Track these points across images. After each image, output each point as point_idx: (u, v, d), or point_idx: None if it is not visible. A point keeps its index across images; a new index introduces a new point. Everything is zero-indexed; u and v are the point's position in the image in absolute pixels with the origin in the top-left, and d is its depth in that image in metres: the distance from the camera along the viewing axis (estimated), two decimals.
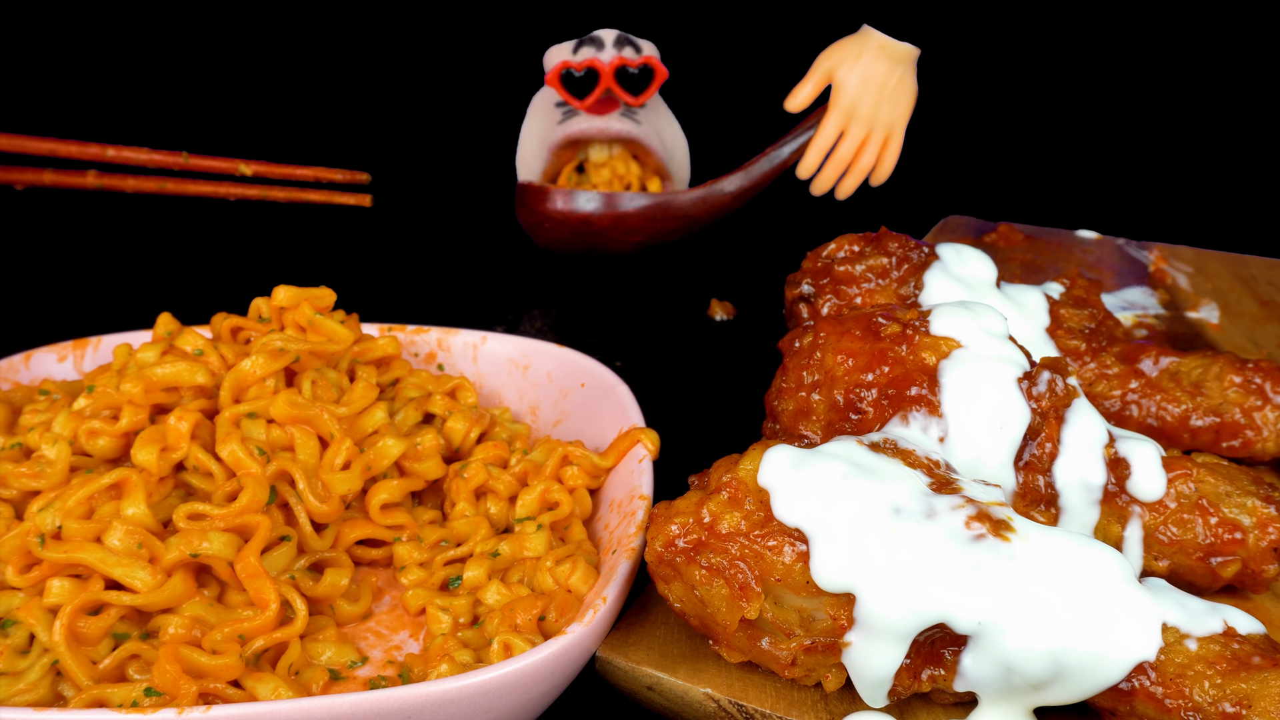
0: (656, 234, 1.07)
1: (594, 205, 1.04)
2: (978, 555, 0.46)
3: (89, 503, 0.55)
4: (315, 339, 0.66)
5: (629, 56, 1.06)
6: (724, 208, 1.08)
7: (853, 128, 1.03)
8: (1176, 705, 0.45)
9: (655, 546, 0.50)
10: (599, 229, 1.05)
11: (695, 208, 1.07)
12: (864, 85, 1.01)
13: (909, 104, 1.03)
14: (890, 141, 1.04)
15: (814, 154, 1.05)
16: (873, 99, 1.01)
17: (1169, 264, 1.04)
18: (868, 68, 1.00)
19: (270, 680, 0.50)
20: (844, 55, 1.02)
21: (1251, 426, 0.66)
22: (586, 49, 1.06)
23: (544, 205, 1.05)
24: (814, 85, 1.03)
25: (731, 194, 1.07)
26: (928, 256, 0.72)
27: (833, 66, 1.02)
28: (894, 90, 1.02)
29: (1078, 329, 0.71)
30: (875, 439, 0.52)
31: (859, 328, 0.59)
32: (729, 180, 1.07)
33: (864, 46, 1.01)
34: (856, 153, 1.04)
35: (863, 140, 1.04)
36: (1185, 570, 0.57)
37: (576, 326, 1.00)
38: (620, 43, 1.06)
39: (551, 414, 0.75)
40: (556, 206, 1.04)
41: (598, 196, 1.04)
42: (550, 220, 1.05)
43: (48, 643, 0.51)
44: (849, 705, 0.50)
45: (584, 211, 1.04)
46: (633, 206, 1.05)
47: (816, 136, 1.04)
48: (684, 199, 1.06)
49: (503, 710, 0.48)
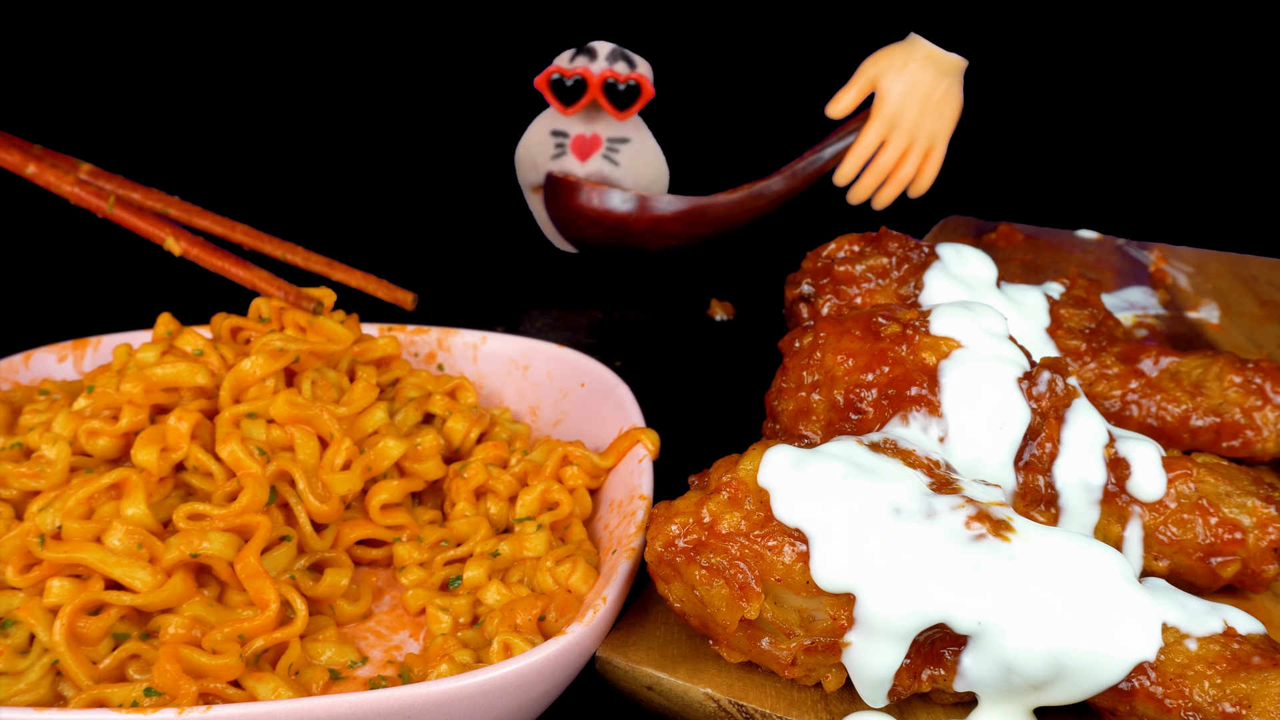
0: (692, 237, 1.06)
1: (629, 206, 1.03)
2: (978, 555, 0.46)
3: (89, 503, 0.55)
4: (315, 339, 0.66)
5: (620, 71, 1.05)
6: (760, 211, 1.06)
7: (895, 137, 1.01)
8: (1176, 705, 0.45)
9: (655, 546, 0.50)
10: (634, 230, 1.04)
11: (733, 212, 1.06)
12: (909, 95, 0.98)
13: (953, 116, 1.01)
14: (932, 153, 1.02)
15: (853, 162, 1.02)
16: (917, 109, 0.99)
17: (1169, 264, 1.04)
18: (913, 77, 0.98)
19: (270, 680, 0.50)
20: (890, 63, 0.99)
21: (1251, 426, 0.66)
22: (581, 58, 1.06)
23: (576, 201, 1.04)
24: (857, 91, 1.00)
25: (770, 198, 1.06)
26: (928, 256, 0.72)
27: (877, 74, 0.99)
28: (939, 101, 0.99)
29: (1078, 329, 0.71)
30: (875, 439, 0.52)
31: (859, 328, 0.59)
32: (769, 183, 1.05)
33: (911, 55, 0.98)
34: (897, 163, 1.02)
35: (904, 151, 1.01)
36: (1185, 570, 0.57)
37: (576, 326, 1.00)
38: (614, 56, 1.06)
39: (551, 414, 0.75)
40: (591, 203, 1.03)
41: (632, 197, 1.03)
42: (584, 218, 1.04)
43: (48, 643, 0.50)
44: (849, 705, 0.50)
45: (620, 212, 1.03)
46: (669, 210, 1.04)
47: (857, 144, 1.02)
48: (722, 202, 1.05)
49: (503, 710, 0.48)
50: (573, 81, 1.05)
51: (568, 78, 1.05)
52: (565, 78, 1.05)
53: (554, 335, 0.97)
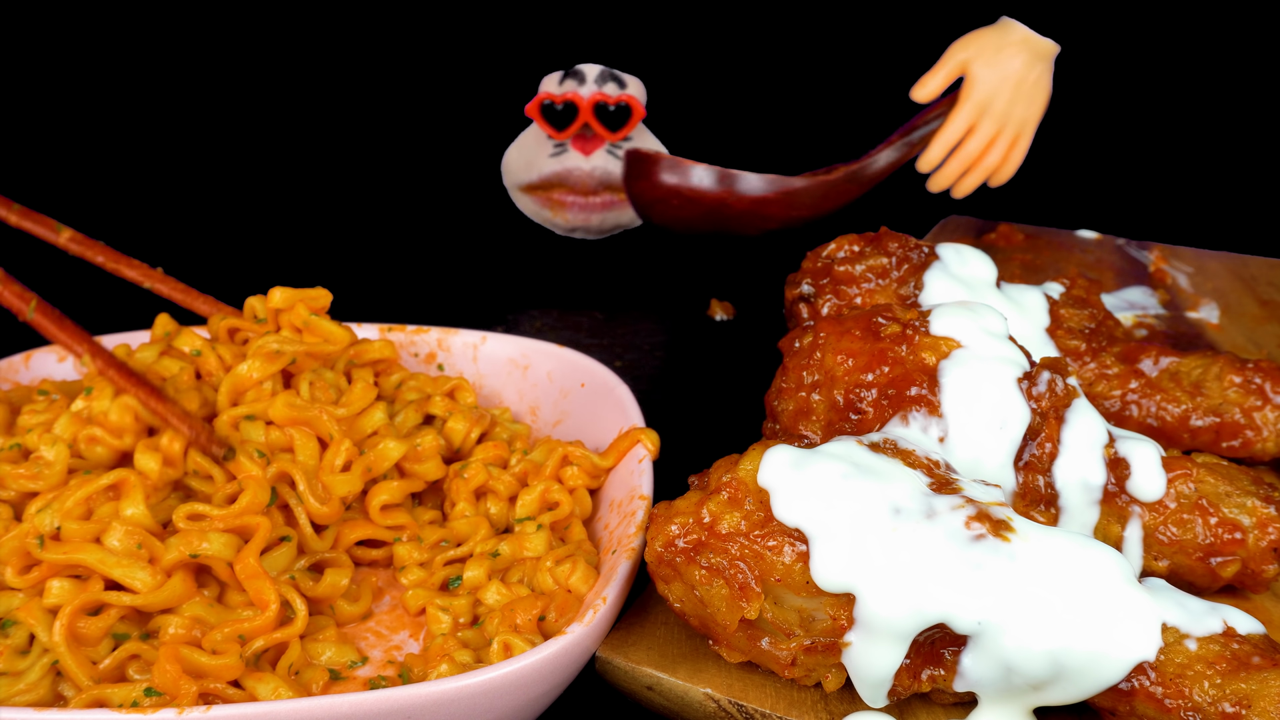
0: (788, 220, 1.01)
1: (710, 181, 0.96)
2: (978, 555, 0.46)
3: (88, 503, 0.55)
4: (311, 340, 0.66)
5: (610, 93, 1.04)
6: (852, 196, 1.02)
7: (983, 124, 0.98)
8: (1176, 705, 0.45)
9: (655, 546, 0.50)
10: (733, 213, 0.98)
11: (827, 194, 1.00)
12: (1002, 81, 0.96)
13: (1043, 103, 0.99)
14: (1019, 141, 0.99)
15: (939, 147, 0.99)
16: (1008, 96, 0.96)
17: (1169, 264, 1.04)
18: (1007, 63, 0.95)
19: (270, 680, 0.50)
20: (982, 47, 0.96)
21: (1251, 426, 0.66)
22: (570, 82, 1.06)
23: (658, 177, 0.97)
24: (945, 75, 0.98)
25: (870, 177, 1.01)
26: (928, 256, 0.72)
27: (969, 59, 0.97)
28: (1031, 88, 0.97)
29: (1078, 329, 0.71)
30: (875, 439, 0.52)
31: (859, 328, 0.59)
32: (864, 164, 1.01)
33: (1005, 39, 0.96)
34: (983, 151, 1.00)
35: (991, 138, 0.99)
36: (1185, 570, 0.57)
37: (576, 326, 1.00)
38: (603, 78, 1.05)
39: (551, 414, 0.75)
40: (672, 180, 0.96)
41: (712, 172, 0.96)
42: (677, 198, 0.97)
43: (48, 643, 0.50)
44: (849, 705, 0.50)
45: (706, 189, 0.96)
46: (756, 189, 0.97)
47: (944, 129, 0.99)
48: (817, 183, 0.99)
49: (503, 710, 0.48)
50: (563, 106, 1.04)
51: (558, 103, 1.04)
52: (555, 103, 1.04)
53: (554, 335, 0.97)
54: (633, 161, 0.98)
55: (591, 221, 1.11)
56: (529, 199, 1.13)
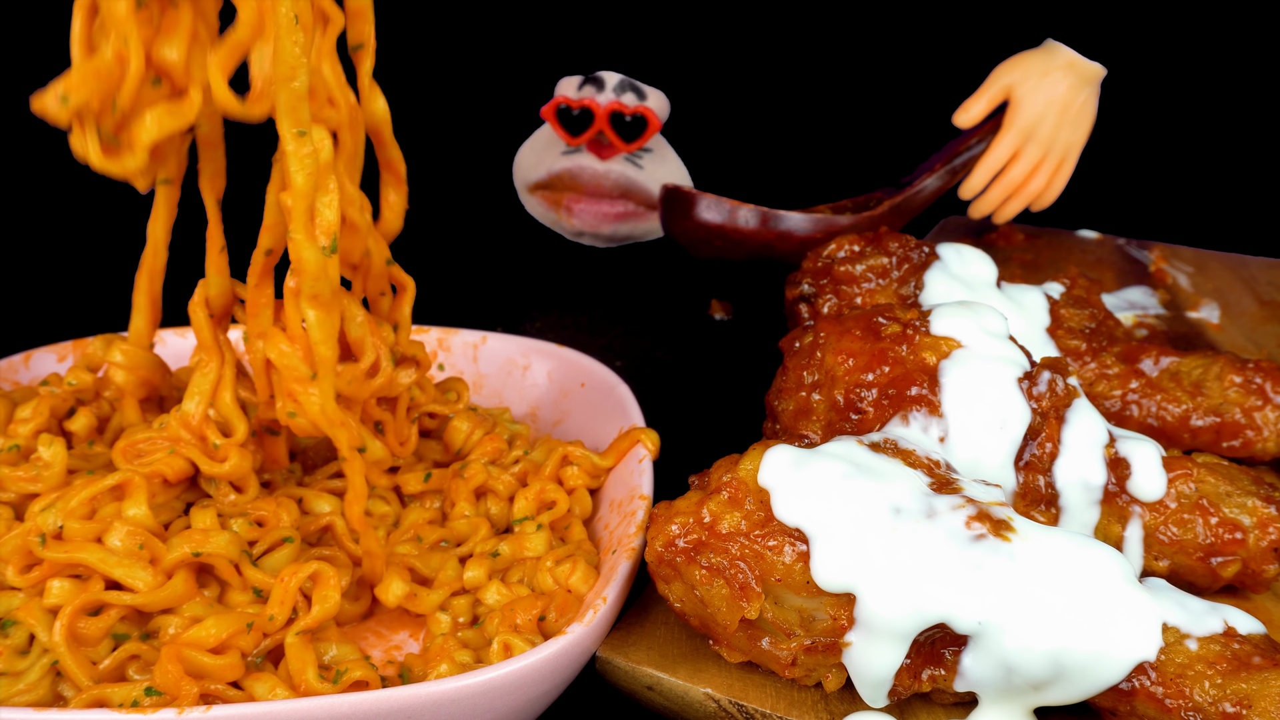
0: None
1: (754, 222, 0.92)
2: (978, 555, 0.46)
3: (91, 503, 0.55)
4: None
5: (627, 102, 1.04)
6: (901, 223, 1.00)
7: (1028, 149, 0.95)
8: (1177, 705, 0.45)
9: (655, 546, 0.50)
10: (780, 252, 0.94)
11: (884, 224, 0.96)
12: (1048, 105, 0.93)
13: (1089, 128, 0.96)
14: (1063, 166, 0.97)
15: (983, 174, 0.97)
16: (1054, 121, 0.94)
17: (1169, 264, 1.04)
18: (1053, 87, 0.93)
19: (268, 680, 0.50)
20: (1027, 71, 0.94)
21: (1252, 426, 0.66)
22: (589, 88, 1.05)
23: (698, 217, 0.93)
24: (989, 100, 0.95)
25: (917, 206, 0.99)
26: (928, 256, 0.72)
27: (1013, 83, 0.94)
28: (1077, 113, 0.94)
29: (1078, 329, 0.71)
30: (875, 439, 0.52)
31: (859, 327, 0.59)
32: (918, 191, 0.98)
33: (1051, 63, 0.93)
34: (1027, 176, 0.97)
35: (1036, 164, 0.97)
36: (1185, 570, 0.57)
37: (576, 326, 0.99)
38: (622, 87, 1.04)
39: (551, 414, 0.75)
40: (713, 218, 0.92)
41: (756, 213, 0.92)
42: (720, 239, 0.94)
43: (48, 643, 0.50)
44: (849, 705, 0.50)
45: (751, 229, 0.92)
46: (806, 230, 0.93)
47: (988, 155, 0.96)
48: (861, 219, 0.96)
49: (503, 710, 0.48)
50: (579, 111, 1.03)
51: (574, 108, 1.03)
52: (572, 108, 1.04)
53: (554, 335, 0.97)
54: (671, 200, 0.95)
55: (603, 230, 1.10)
56: (537, 201, 1.12)
